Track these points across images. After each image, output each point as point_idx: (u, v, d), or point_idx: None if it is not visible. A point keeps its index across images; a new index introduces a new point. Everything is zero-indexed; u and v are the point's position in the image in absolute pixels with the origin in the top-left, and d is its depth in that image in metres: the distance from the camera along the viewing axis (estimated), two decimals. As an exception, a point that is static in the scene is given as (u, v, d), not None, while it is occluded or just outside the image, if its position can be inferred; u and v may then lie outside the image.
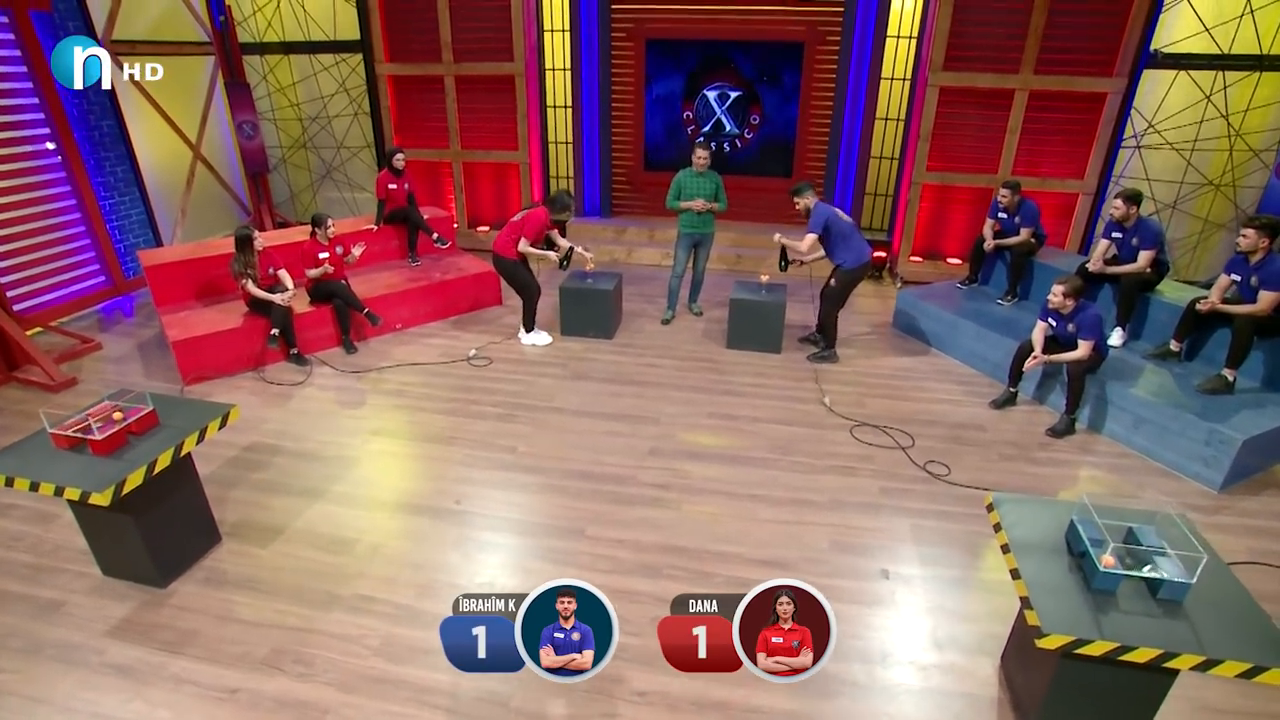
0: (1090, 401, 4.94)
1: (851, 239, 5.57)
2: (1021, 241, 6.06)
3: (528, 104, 8.00)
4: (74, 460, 3.19)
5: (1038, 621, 2.34)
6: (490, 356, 5.89)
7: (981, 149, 7.22)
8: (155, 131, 7.26)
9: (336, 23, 8.17)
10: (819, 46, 7.62)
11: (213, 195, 8.09)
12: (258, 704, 2.89)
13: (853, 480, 4.38)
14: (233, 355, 5.42)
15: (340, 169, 8.90)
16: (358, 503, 4.12)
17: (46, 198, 6.15)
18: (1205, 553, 2.38)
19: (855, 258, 5.58)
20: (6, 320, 5.23)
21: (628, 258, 8.38)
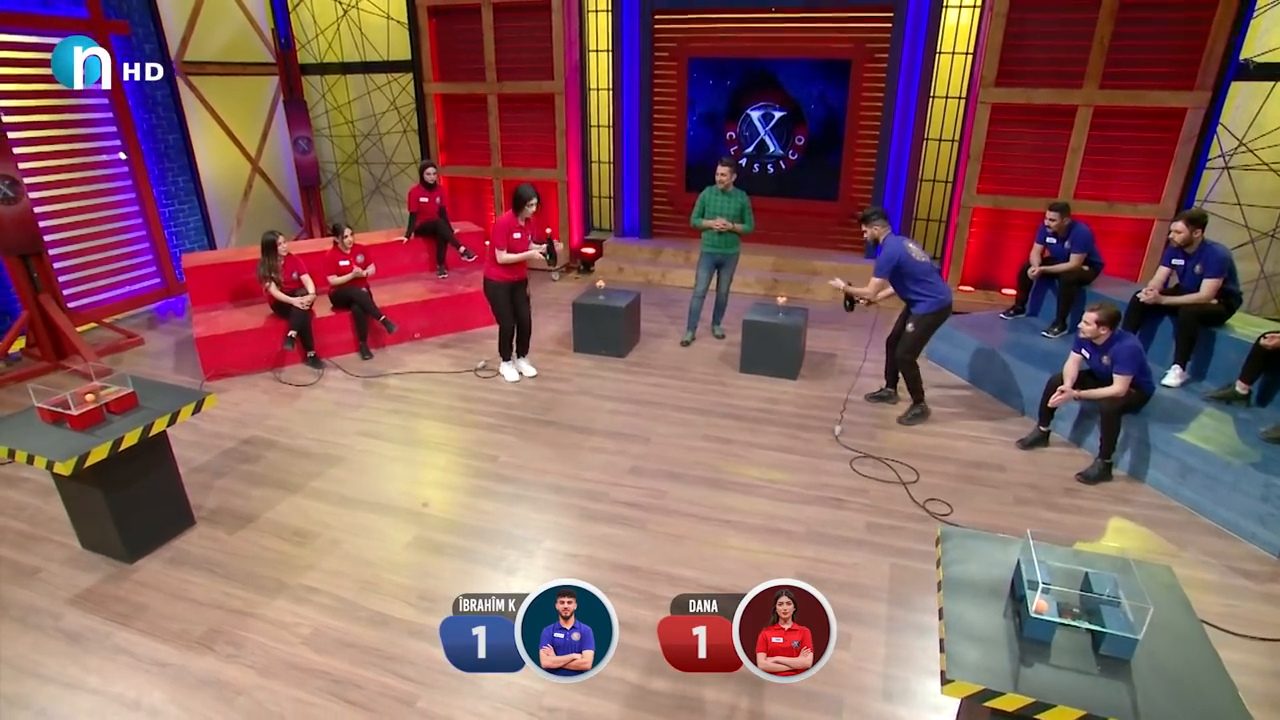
0: (1131, 445, 4.40)
1: (929, 279, 4.85)
2: (1071, 268, 5.53)
3: (567, 122, 8.13)
4: (52, 433, 3.39)
5: (944, 666, 2.05)
6: (497, 369, 5.90)
7: (1039, 170, 6.70)
8: (217, 144, 7.87)
9: (390, 44, 8.61)
10: (867, 64, 7.34)
11: (268, 206, 8.66)
12: (180, 679, 2.95)
13: (839, 514, 4.06)
14: (253, 354, 5.70)
15: (389, 184, 9.32)
16: (329, 499, 4.18)
17: (113, 203, 6.75)
18: (1151, 603, 2.00)
19: (935, 301, 4.86)
20: (58, 314, 5.74)
21: (662, 279, 8.29)
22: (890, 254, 4.80)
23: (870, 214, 4.96)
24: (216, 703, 2.84)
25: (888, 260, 4.80)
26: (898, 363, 5.12)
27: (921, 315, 4.92)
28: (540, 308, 7.44)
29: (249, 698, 2.86)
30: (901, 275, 4.85)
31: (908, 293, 4.93)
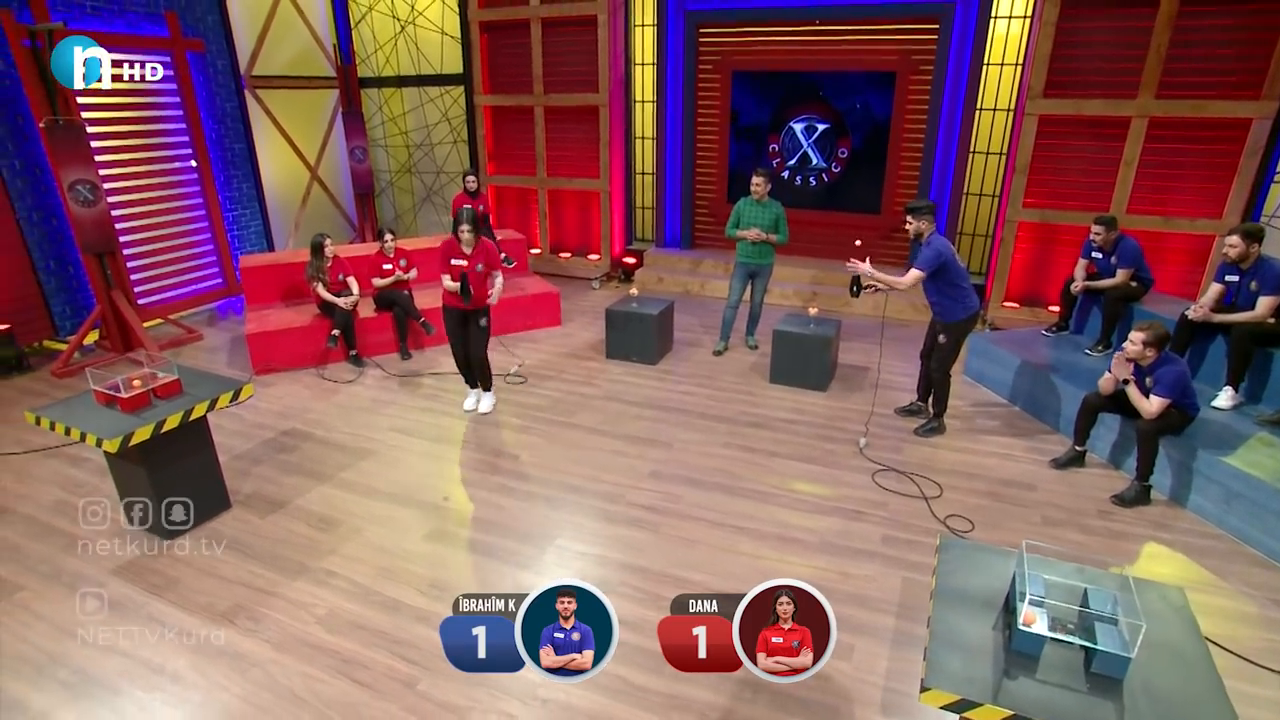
0: (1173, 468, 4.18)
1: (963, 284, 4.68)
2: (1116, 284, 5.32)
3: (610, 133, 8.27)
4: (104, 414, 3.65)
5: (924, 673, 2.01)
6: (525, 375, 6.01)
7: (1090, 184, 6.46)
8: (279, 153, 8.33)
9: (443, 58, 8.97)
10: (911, 76, 7.25)
11: (325, 212, 9.08)
12: (201, 649, 3.12)
13: (855, 525, 3.99)
14: (299, 351, 5.98)
15: (439, 193, 9.66)
16: (356, 489, 4.35)
17: (182, 208, 7.21)
18: (1144, 621, 1.92)
19: (965, 308, 4.71)
20: (128, 309, 6.15)
21: (701, 289, 8.31)
22: (939, 250, 4.54)
23: (922, 206, 4.60)
24: (232, 673, 2.99)
25: (936, 256, 4.53)
26: (933, 375, 4.97)
27: (953, 324, 4.76)
28: (576, 314, 7.58)
29: (262, 670, 3.00)
30: (941, 276, 4.61)
31: (942, 297, 4.70)
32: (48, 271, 6.39)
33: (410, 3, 8.95)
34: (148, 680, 2.95)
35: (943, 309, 4.77)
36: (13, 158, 6.07)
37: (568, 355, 6.51)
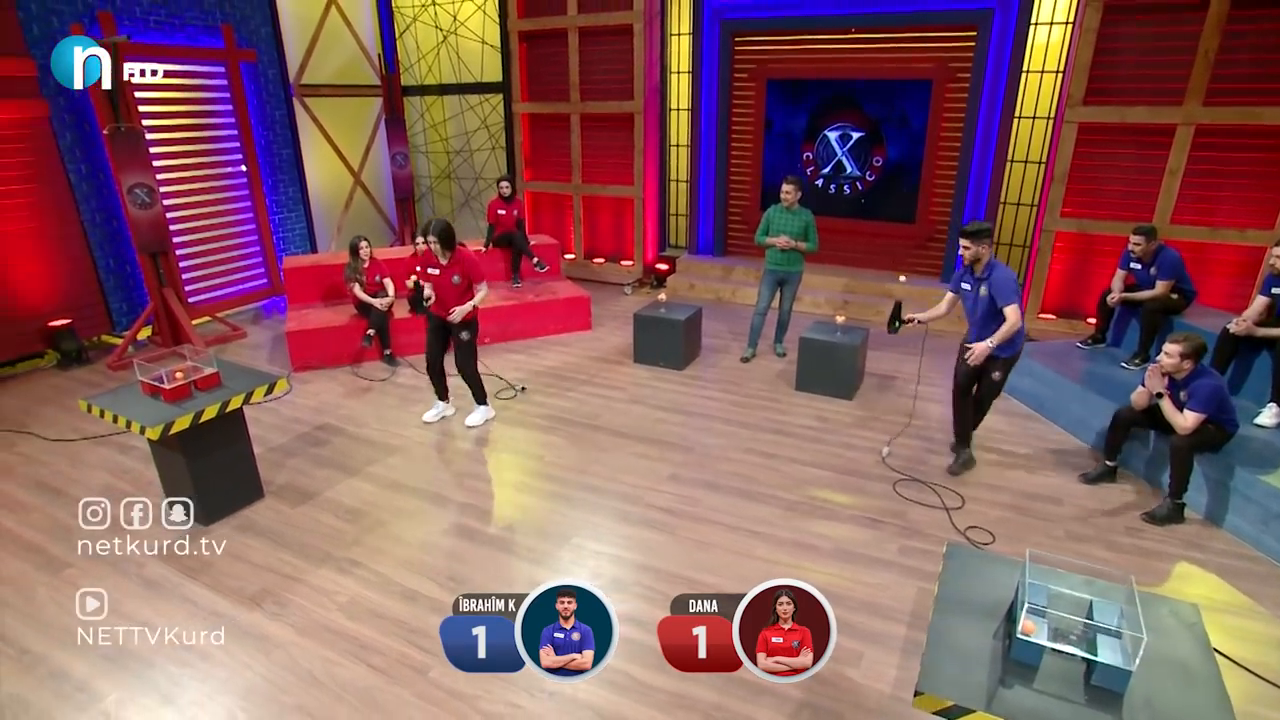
0: (1210, 487, 4.05)
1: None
2: (1156, 296, 5.17)
3: (645, 141, 8.35)
4: (148, 404, 3.85)
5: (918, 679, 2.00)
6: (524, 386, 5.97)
7: (1132, 193, 6.28)
8: (324, 159, 8.64)
9: (484, 66, 9.20)
10: (948, 83, 7.16)
11: (367, 216, 9.37)
12: (229, 629, 3.27)
13: (872, 534, 3.96)
14: (336, 350, 6.19)
15: (477, 198, 9.87)
16: (383, 483, 4.49)
17: (231, 210, 7.54)
18: (1146, 634, 1.88)
19: (1022, 336, 4.32)
20: (178, 307, 6.46)
21: (732, 296, 8.32)
22: (1012, 278, 4.15)
23: (982, 229, 4.14)
24: (257, 653, 3.12)
25: (1016, 286, 4.13)
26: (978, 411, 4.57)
27: (1010, 358, 4.33)
28: (607, 319, 7.66)
29: (284, 652, 3.13)
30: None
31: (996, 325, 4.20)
32: (107, 270, 6.75)
33: (453, 13, 9.22)
34: (179, 656, 3.11)
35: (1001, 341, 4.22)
36: (80, 163, 6.44)
37: (596, 359, 6.59)
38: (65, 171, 6.29)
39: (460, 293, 4.83)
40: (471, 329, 4.98)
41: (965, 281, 4.32)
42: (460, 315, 4.78)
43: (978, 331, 4.31)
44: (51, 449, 4.93)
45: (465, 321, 4.88)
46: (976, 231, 4.14)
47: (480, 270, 4.90)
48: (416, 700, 2.88)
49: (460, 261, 4.78)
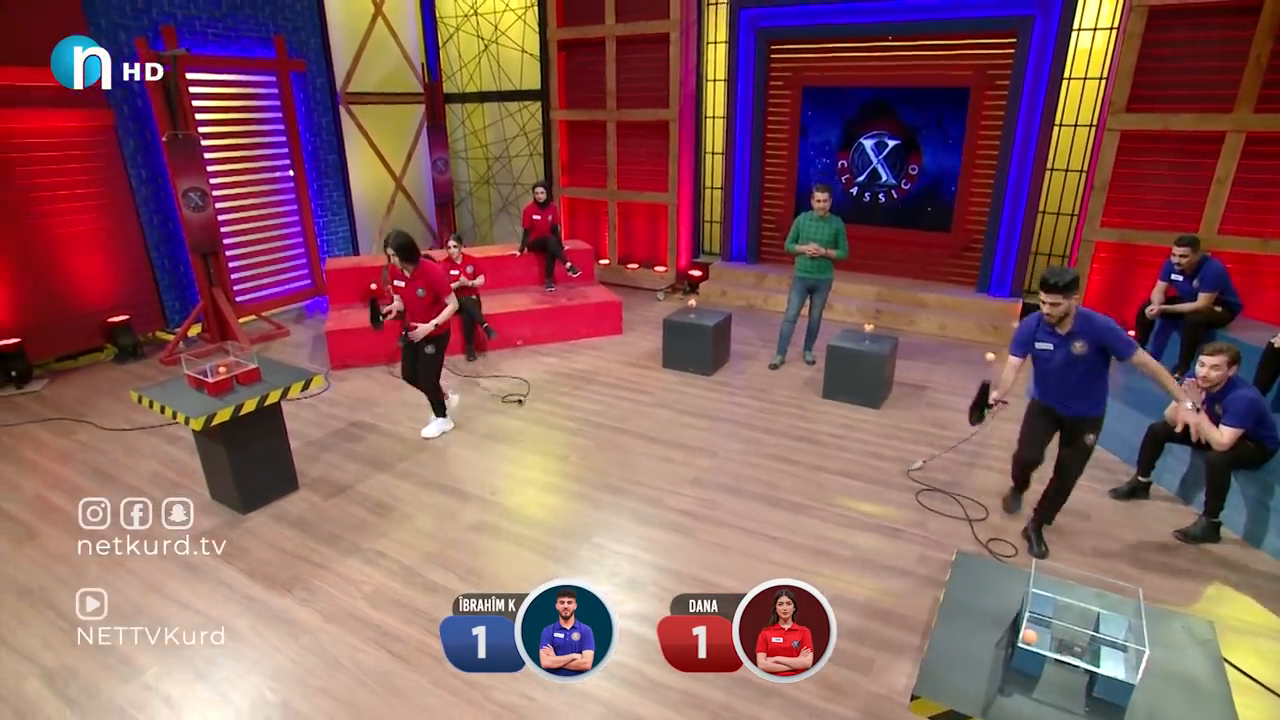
0: (1249, 506, 3.92)
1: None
2: (1198, 308, 5.02)
3: (679, 148, 8.42)
4: (193, 396, 4.06)
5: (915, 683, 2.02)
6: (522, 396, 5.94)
7: (1177, 203, 6.11)
8: (368, 164, 8.95)
9: (523, 74, 9.42)
10: (986, 91, 7.06)
11: (407, 220, 9.64)
12: (261, 613, 3.43)
13: (892, 543, 3.94)
14: (373, 349, 6.38)
15: (514, 204, 10.07)
16: (412, 479, 4.63)
17: (278, 213, 7.86)
18: (1147, 647, 1.86)
19: (1108, 389, 3.71)
20: (226, 305, 6.76)
21: (764, 303, 8.31)
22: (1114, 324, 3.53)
23: (1072, 280, 3.42)
24: (285, 637, 3.26)
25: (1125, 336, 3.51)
26: (1065, 484, 3.78)
27: (1102, 416, 3.68)
28: (639, 324, 7.73)
29: (311, 637, 3.27)
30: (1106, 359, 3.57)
31: (1098, 382, 3.60)
32: (162, 269, 7.10)
33: (494, 23, 9.45)
34: (212, 634, 3.27)
35: (1095, 397, 3.62)
36: (140, 168, 6.80)
37: (626, 363, 6.66)
38: (127, 176, 6.65)
39: (427, 306, 4.76)
40: (438, 344, 4.90)
41: (1046, 340, 3.58)
42: (420, 335, 4.74)
43: (1064, 396, 3.63)
44: (107, 437, 5.22)
45: (432, 336, 4.82)
46: (1068, 284, 3.39)
47: (444, 284, 4.79)
48: (433, 688, 2.98)
49: (423, 275, 4.69)
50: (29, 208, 6.08)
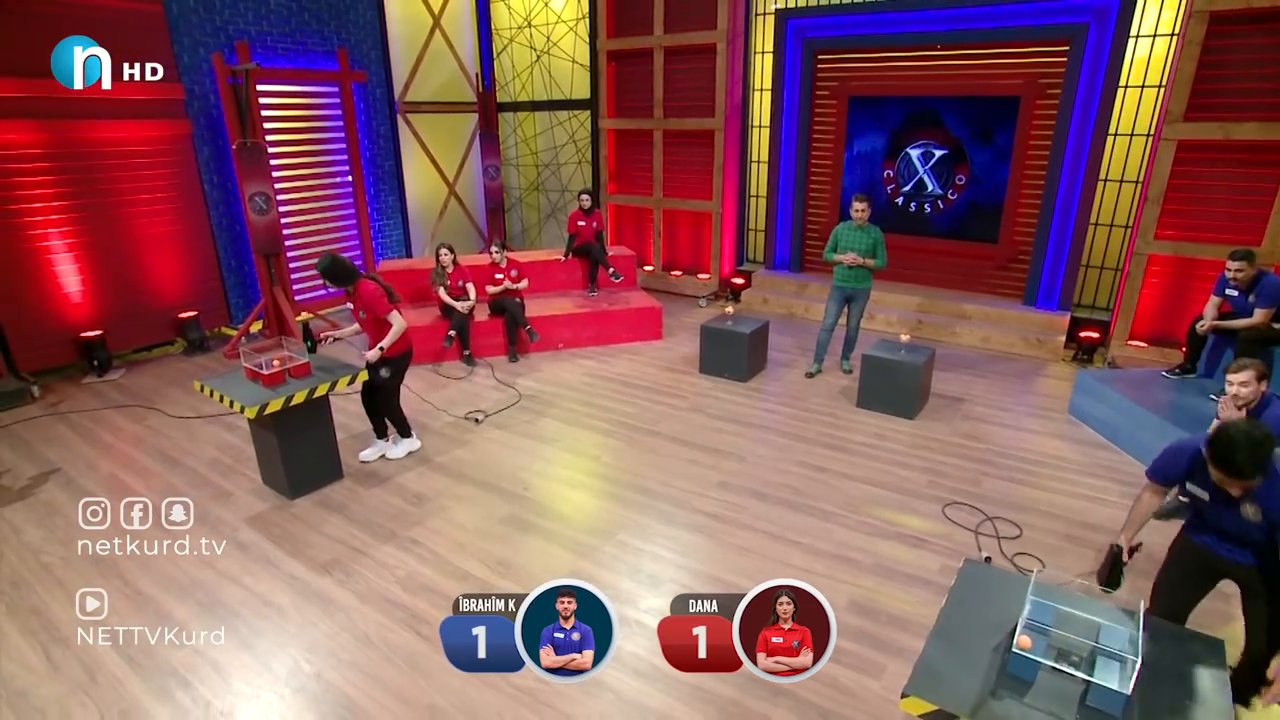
0: (1296, 531, 3.75)
1: None
2: (1254, 324, 4.83)
3: (724, 157, 8.50)
4: (249, 387, 4.34)
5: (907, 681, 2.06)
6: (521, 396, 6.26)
7: (1237, 215, 5.87)
8: (422, 170, 9.32)
9: (573, 84, 9.67)
10: (1037, 100, 6.91)
11: (459, 224, 9.98)
12: (301, 590, 3.66)
13: (914, 552, 3.93)
14: (420, 348, 6.54)
15: (563, 210, 10.30)
16: (449, 472, 4.84)
17: (337, 216, 8.27)
18: (1140, 657, 1.86)
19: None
20: (285, 304, 7.15)
21: (805, 312, 8.30)
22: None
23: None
24: (322, 614, 3.48)
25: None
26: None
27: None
28: (679, 330, 7.82)
29: (346, 615, 3.47)
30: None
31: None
32: (228, 269, 7.56)
33: (546, 34, 9.73)
34: (258, 609, 3.51)
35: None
36: (213, 173, 7.27)
37: (663, 368, 6.77)
38: (201, 182, 7.12)
39: (374, 327, 4.65)
40: (391, 366, 4.72)
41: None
42: (372, 358, 4.59)
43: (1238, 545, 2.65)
44: (173, 424, 5.60)
45: (386, 360, 4.66)
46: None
47: (379, 303, 4.55)
48: (455, 669, 3.12)
49: (358, 296, 4.57)
50: (114, 210, 6.58)
